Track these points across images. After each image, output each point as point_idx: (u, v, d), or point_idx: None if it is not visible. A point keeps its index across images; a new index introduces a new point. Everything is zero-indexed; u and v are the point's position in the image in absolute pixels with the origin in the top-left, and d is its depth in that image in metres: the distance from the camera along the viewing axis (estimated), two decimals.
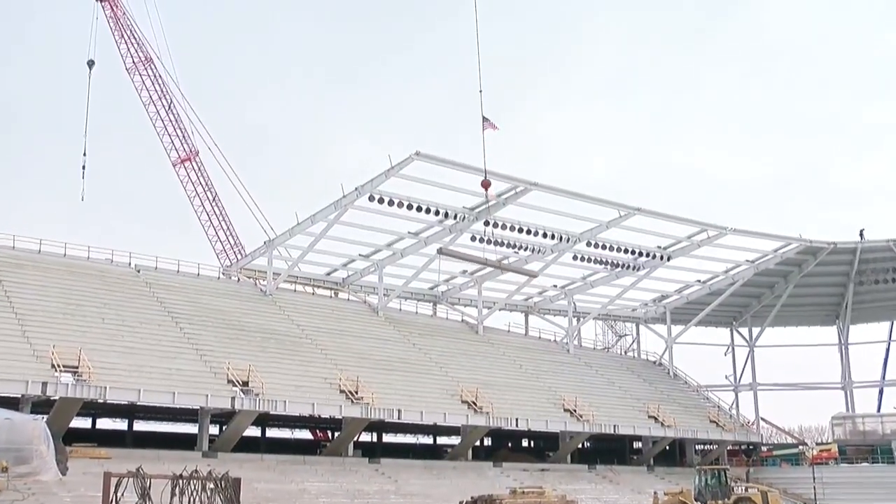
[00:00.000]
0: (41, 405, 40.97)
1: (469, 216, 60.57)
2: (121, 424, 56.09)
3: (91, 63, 75.32)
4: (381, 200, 56.91)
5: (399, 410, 51.36)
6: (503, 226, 61.11)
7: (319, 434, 66.69)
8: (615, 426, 62.50)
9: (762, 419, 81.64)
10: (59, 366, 41.37)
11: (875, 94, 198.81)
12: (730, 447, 73.07)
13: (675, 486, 50.96)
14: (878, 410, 78.58)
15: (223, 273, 67.59)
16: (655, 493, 48.02)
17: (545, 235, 63.31)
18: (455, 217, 60.41)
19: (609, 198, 62.89)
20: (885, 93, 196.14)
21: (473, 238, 62.05)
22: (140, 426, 56.50)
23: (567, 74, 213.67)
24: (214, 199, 79.10)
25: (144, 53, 77.25)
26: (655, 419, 66.42)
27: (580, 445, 65.38)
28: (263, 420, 54.86)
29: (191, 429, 50.12)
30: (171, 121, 78.13)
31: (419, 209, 58.08)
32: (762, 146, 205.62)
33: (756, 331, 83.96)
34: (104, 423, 55.42)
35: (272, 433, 61.61)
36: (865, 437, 71.27)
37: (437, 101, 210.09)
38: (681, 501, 47.13)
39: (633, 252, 67.99)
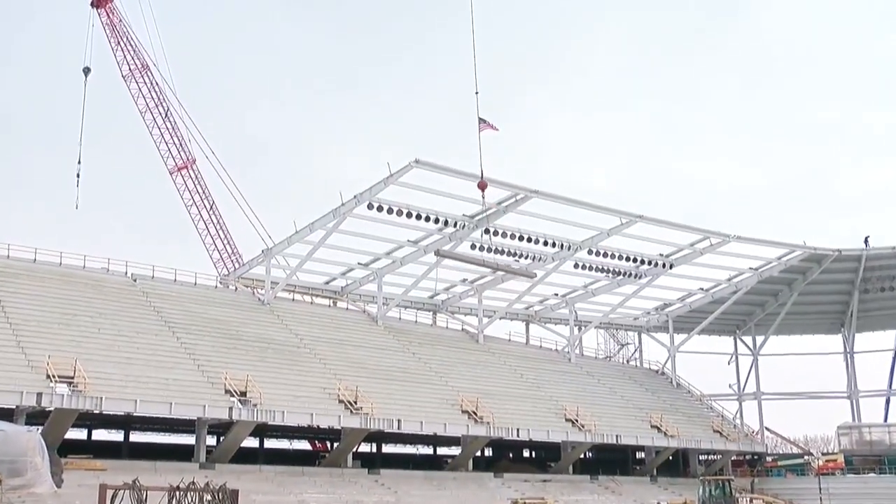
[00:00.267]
0: (36, 416, 40.93)
1: (469, 224, 60.58)
2: (117, 436, 56.02)
3: (87, 70, 75.45)
4: (381, 208, 56.94)
5: (399, 421, 51.30)
6: (503, 234, 61.11)
7: (318, 445, 66.62)
8: (617, 436, 62.39)
9: (767, 429, 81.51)
10: (55, 376, 41.30)
11: (879, 100, 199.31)
12: (734, 457, 73.02)
13: (679, 497, 51.03)
14: (885, 420, 78.58)
15: (221, 282, 67.56)
16: None
17: (546, 243, 63.29)
18: (455, 225, 60.42)
19: (610, 205, 62.99)
20: (890, 98, 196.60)
21: (473, 246, 62.04)
22: (136, 437, 56.42)
23: (567, 81, 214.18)
24: (212, 208, 79.28)
25: (141, 61, 77.50)
26: (658, 429, 66.29)
27: (582, 456, 65.32)
28: (261, 431, 54.85)
29: (188, 440, 50.00)
30: (168, 128, 78.36)
31: (418, 217, 58.08)
32: (765, 152, 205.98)
33: (760, 339, 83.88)
34: (100, 435, 55.38)
35: (270, 444, 61.55)
36: (872, 448, 71.15)
37: (437, 109, 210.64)
38: None
39: (635, 260, 67.95)
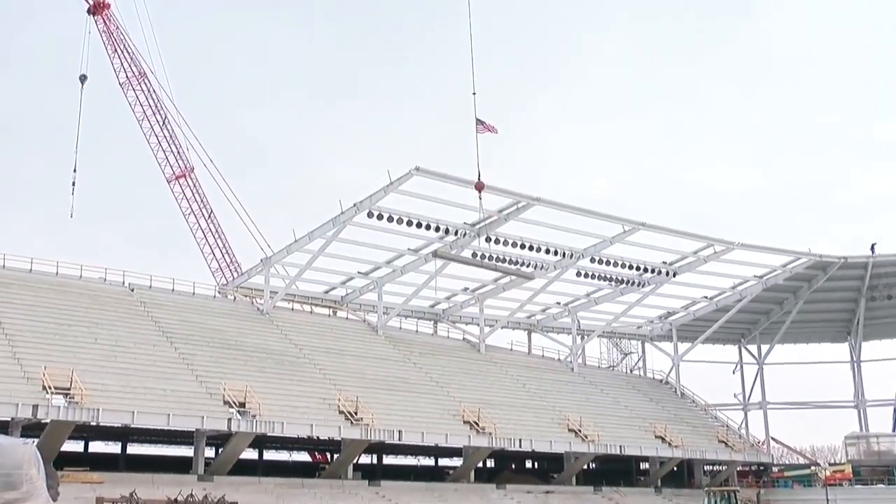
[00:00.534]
0: (32, 428, 40.80)
1: (470, 232, 60.50)
2: (114, 448, 55.84)
3: (83, 78, 75.48)
4: (381, 217, 56.87)
5: (399, 431, 51.19)
6: (505, 242, 61.02)
7: (318, 456, 66.45)
8: (621, 447, 62.19)
9: (773, 439, 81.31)
10: (51, 388, 41.22)
11: (884, 106, 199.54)
12: (739, 468, 72.76)
13: None
14: (894, 430, 78.25)
15: (219, 292, 67.49)
16: None
17: (548, 251, 63.24)
18: (456, 233, 60.31)
19: (612, 213, 62.90)
20: (893, 103, 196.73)
21: (475, 255, 61.85)
22: (134, 449, 56.25)
23: (567, 88, 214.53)
24: (210, 216, 79.26)
25: (138, 68, 77.57)
26: (662, 439, 66.10)
27: (585, 466, 65.13)
28: (261, 442, 54.76)
29: (186, 451, 49.88)
30: (166, 136, 78.40)
31: (419, 225, 57.96)
32: (768, 159, 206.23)
33: (765, 348, 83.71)
34: (97, 447, 55.20)
35: (270, 455, 61.40)
36: (881, 458, 70.84)
37: (437, 115, 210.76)
38: None
39: (638, 268, 67.82)
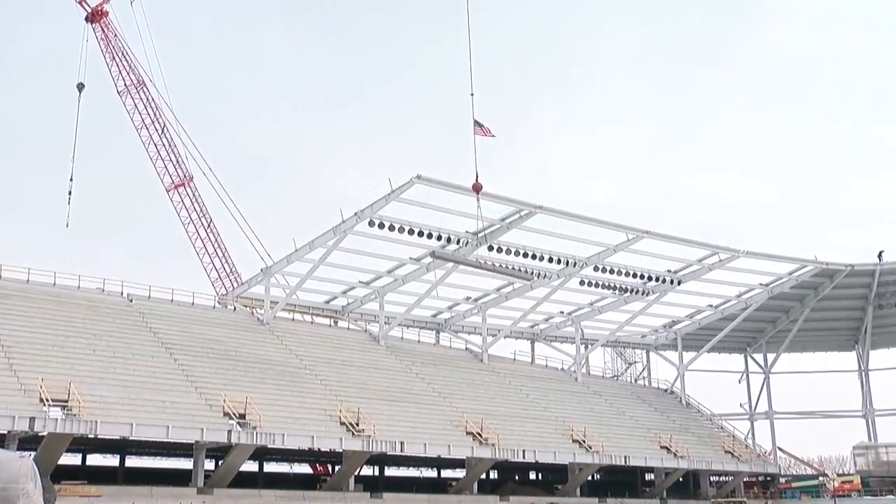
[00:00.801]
0: (28, 441, 40.65)
1: (472, 241, 60.41)
2: (112, 460, 55.68)
3: (81, 86, 75.64)
4: (382, 225, 56.75)
5: (401, 443, 51.01)
6: (507, 250, 60.93)
7: (319, 468, 66.24)
8: (626, 457, 62.00)
9: (780, 449, 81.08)
10: (48, 400, 41.08)
11: (890, 112, 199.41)
12: (746, 479, 72.53)
13: None
14: None
15: (219, 302, 67.41)
16: None
17: (551, 260, 63.07)
18: (458, 242, 60.26)
19: (616, 221, 62.83)
20: None
21: (482, 269, 61.80)
22: (132, 462, 56.09)
23: (570, 95, 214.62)
24: (209, 226, 79.24)
25: (137, 76, 77.71)
26: (668, 450, 65.90)
27: (590, 477, 64.89)
28: (261, 454, 54.56)
29: (185, 464, 49.71)
30: (165, 145, 78.47)
31: (421, 234, 57.82)
32: (773, 165, 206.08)
33: (771, 357, 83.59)
34: (95, 460, 55.03)
35: (270, 467, 61.22)
36: (890, 468, 70.61)
37: (437, 123, 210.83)
38: None
39: (643, 276, 67.74)
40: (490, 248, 60.23)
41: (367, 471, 60.23)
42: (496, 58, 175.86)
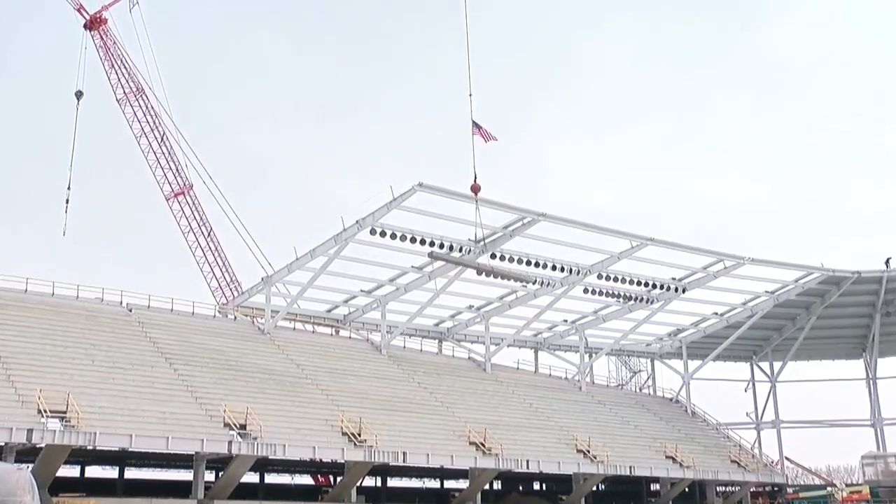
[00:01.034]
0: (26, 453, 40.49)
1: (475, 248, 60.32)
2: (111, 472, 55.47)
3: (79, 94, 75.73)
4: (384, 234, 56.73)
5: (404, 453, 50.88)
6: (510, 258, 60.83)
7: (321, 479, 66.15)
8: (631, 467, 61.80)
9: (787, 459, 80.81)
10: (46, 411, 40.92)
11: (894, 116, 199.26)
12: (753, 489, 72.36)
13: None
14: None
15: (219, 311, 67.32)
16: None
17: (554, 268, 62.97)
18: (460, 250, 60.16)
19: (619, 228, 62.74)
20: None
21: (480, 272, 61.73)
22: (132, 473, 55.86)
23: (571, 101, 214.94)
24: (209, 235, 79.25)
25: (136, 84, 77.79)
26: (673, 459, 65.72)
27: (595, 488, 64.66)
28: (262, 465, 54.40)
29: (185, 475, 49.53)
30: (164, 153, 78.53)
31: (423, 242, 57.77)
32: (777, 171, 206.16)
33: (778, 365, 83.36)
34: (93, 471, 54.83)
35: (271, 479, 60.98)
36: None
37: (438, 131, 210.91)
38: None
39: (647, 284, 67.63)
40: (493, 257, 60.12)
41: (370, 482, 60.02)
42: (496, 60, 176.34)
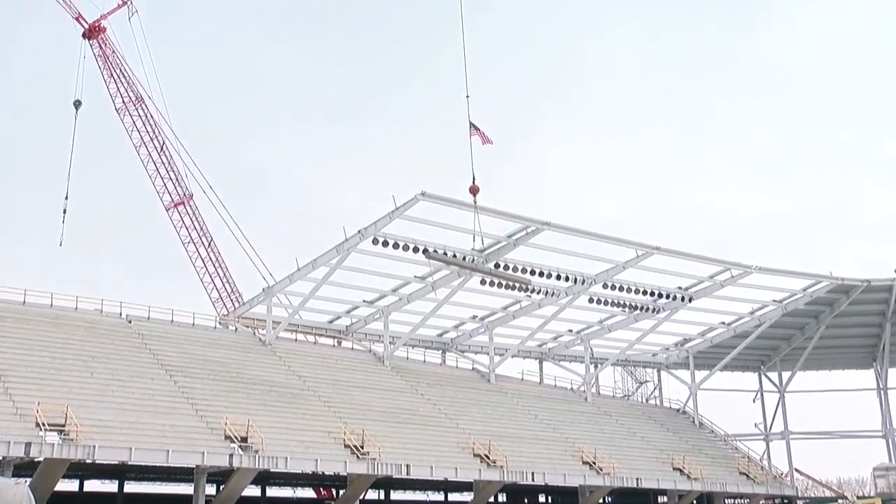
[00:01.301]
0: (24, 467, 40.46)
1: (478, 259, 60.29)
2: (111, 486, 55.27)
3: (78, 103, 75.93)
4: (386, 243, 56.69)
5: (408, 466, 50.76)
6: (514, 268, 60.80)
7: (323, 492, 66.01)
8: (638, 479, 61.67)
9: (796, 470, 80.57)
10: (44, 424, 40.87)
11: None
12: (762, 501, 72.16)
13: None
14: None
15: (220, 322, 67.29)
16: None
17: (559, 277, 62.92)
18: (463, 259, 60.13)
19: (624, 237, 62.69)
20: None
21: (483, 282, 61.78)
22: (131, 487, 55.66)
23: (574, 110, 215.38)
24: (210, 245, 79.32)
25: (135, 93, 77.97)
26: (681, 471, 65.58)
27: (601, 500, 64.44)
28: (263, 478, 54.21)
29: (186, 489, 49.40)
30: (164, 163, 78.66)
31: (426, 252, 57.76)
32: (784, 179, 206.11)
33: (786, 375, 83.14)
34: (92, 486, 54.65)
35: (273, 492, 60.75)
36: None
37: (439, 141, 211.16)
38: None
39: (653, 293, 67.48)
40: (497, 266, 60.12)
41: (373, 495, 59.87)
42: (499, 72, 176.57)
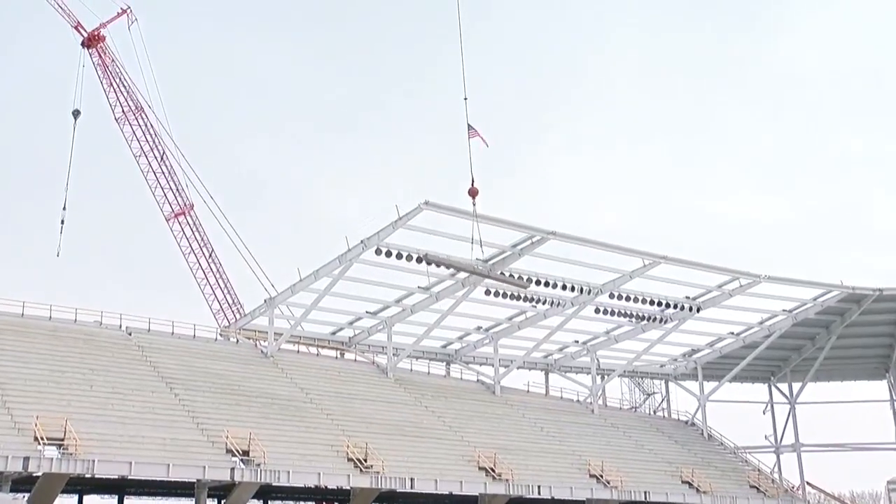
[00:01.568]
0: (22, 482, 40.48)
1: (483, 269, 60.23)
2: (110, 501, 55.18)
3: (76, 113, 76.19)
4: (389, 254, 56.74)
5: (412, 479, 50.58)
6: (519, 278, 60.76)
7: None
8: (646, 493, 61.44)
9: (808, 484, 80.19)
10: (43, 438, 40.88)
11: None
12: None
13: None
14: None
15: (221, 334, 67.27)
16: None
17: (564, 287, 62.86)
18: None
19: (631, 246, 62.62)
20: None
21: (488, 292, 61.74)
22: (131, 502, 55.64)
23: (578, 120, 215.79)
24: (211, 256, 79.42)
25: (135, 102, 78.20)
26: (690, 484, 65.41)
27: None
28: (265, 492, 53.93)
29: None
30: (164, 173, 78.83)
31: (429, 262, 57.75)
32: (792, 187, 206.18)
33: (797, 386, 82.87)
34: (92, 501, 54.47)
35: None
36: None
37: (442, 149, 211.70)
38: None
39: (660, 303, 67.36)
40: (501, 276, 60.06)
41: None
42: (502, 82, 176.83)
